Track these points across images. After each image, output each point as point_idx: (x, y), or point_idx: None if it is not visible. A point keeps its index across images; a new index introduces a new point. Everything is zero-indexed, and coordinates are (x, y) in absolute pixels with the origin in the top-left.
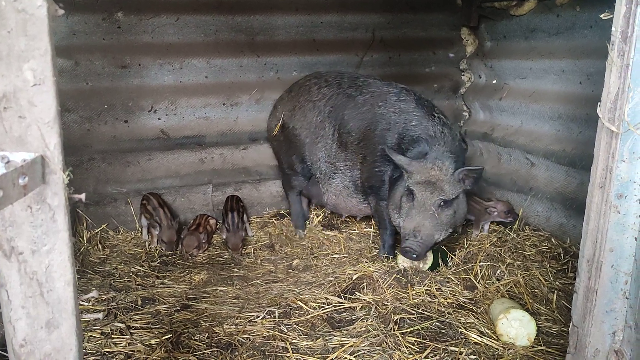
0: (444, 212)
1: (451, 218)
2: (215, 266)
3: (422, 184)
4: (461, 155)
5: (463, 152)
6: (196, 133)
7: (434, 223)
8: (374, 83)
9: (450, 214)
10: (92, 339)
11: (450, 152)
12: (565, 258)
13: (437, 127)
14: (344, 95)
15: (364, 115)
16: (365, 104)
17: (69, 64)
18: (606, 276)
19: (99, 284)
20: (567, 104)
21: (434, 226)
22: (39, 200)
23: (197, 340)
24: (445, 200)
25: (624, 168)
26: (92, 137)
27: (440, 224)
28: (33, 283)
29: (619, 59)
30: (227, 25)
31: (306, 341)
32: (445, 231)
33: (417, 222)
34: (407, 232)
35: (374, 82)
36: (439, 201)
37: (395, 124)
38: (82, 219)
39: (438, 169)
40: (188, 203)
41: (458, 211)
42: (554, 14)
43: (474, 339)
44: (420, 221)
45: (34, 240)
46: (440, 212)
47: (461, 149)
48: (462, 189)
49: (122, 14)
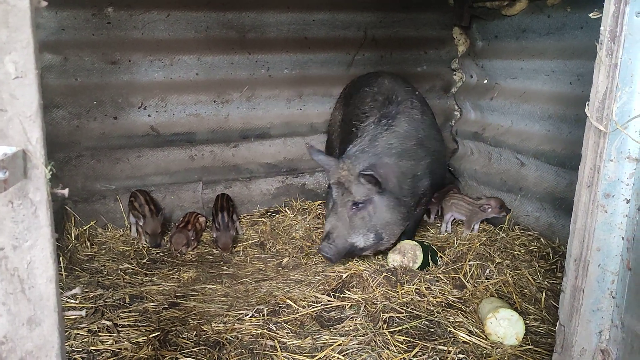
0: (357, 216)
1: (366, 222)
2: (204, 264)
3: (336, 185)
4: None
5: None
6: (186, 130)
7: (347, 226)
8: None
9: (364, 217)
10: (78, 336)
11: (363, 151)
12: (554, 258)
13: (362, 126)
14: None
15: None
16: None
17: (58, 59)
18: (593, 275)
19: (86, 282)
20: (557, 104)
21: (347, 230)
22: (20, 195)
23: (184, 338)
24: (356, 203)
25: (611, 167)
26: (81, 134)
27: (354, 227)
28: (14, 279)
29: (607, 58)
30: (218, 22)
31: (295, 340)
32: (364, 236)
33: (332, 224)
34: (324, 234)
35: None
36: (350, 203)
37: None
38: (71, 215)
39: (347, 170)
40: (178, 200)
41: (376, 215)
42: (545, 15)
43: (462, 338)
44: (334, 223)
45: (15, 236)
46: (353, 215)
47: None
48: (373, 192)
49: (112, 9)
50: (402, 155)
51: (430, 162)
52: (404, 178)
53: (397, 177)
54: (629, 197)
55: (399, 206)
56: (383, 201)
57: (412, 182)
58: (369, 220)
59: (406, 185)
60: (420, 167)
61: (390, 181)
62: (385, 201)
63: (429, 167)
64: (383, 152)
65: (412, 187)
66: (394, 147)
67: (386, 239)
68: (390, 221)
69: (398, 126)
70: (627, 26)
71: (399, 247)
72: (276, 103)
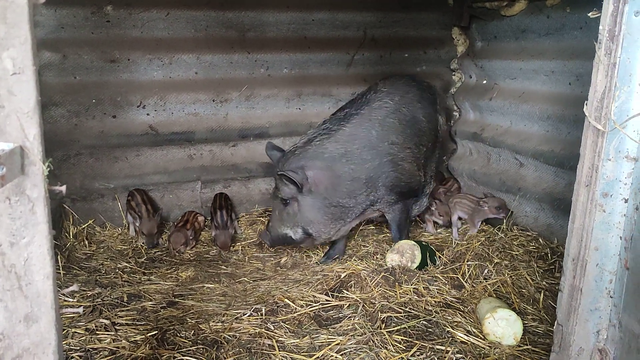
0: (284, 211)
1: (292, 218)
2: (202, 263)
3: (277, 179)
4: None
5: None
6: (185, 129)
7: (278, 219)
8: None
9: (290, 213)
10: (76, 335)
11: (293, 153)
12: (552, 258)
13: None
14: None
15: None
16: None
17: (57, 57)
18: (591, 275)
19: (84, 280)
20: (557, 105)
21: (279, 221)
22: (17, 191)
23: (182, 337)
24: (283, 199)
25: (609, 167)
26: (79, 132)
27: (282, 221)
28: (11, 276)
29: (606, 58)
30: (218, 21)
31: (293, 339)
32: (292, 230)
33: (273, 215)
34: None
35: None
36: (278, 199)
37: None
38: (69, 214)
39: (278, 168)
40: (176, 199)
41: (300, 214)
42: (544, 15)
43: (460, 338)
44: (273, 214)
45: (12, 232)
46: (281, 210)
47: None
48: (294, 192)
49: (112, 7)
50: (338, 159)
51: (379, 166)
52: (340, 181)
53: (330, 180)
54: (627, 197)
55: (328, 207)
56: (307, 201)
57: (351, 185)
58: (294, 216)
59: (344, 188)
60: (365, 170)
61: (320, 184)
62: (309, 202)
63: (378, 170)
64: (315, 155)
65: (352, 191)
66: (329, 151)
67: (315, 235)
68: (316, 221)
69: (340, 130)
70: (625, 25)
71: (398, 247)
72: (275, 102)
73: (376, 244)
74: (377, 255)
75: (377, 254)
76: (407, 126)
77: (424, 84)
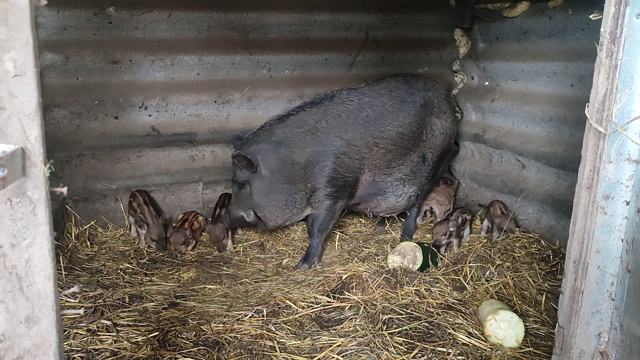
0: (239, 194)
1: (246, 201)
2: (204, 264)
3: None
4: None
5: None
6: (187, 130)
7: (235, 201)
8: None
9: (244, 196)
10: (77, 335)
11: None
12: (554, 260)
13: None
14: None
15: None
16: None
17: (60, 59)
18: (592, 277)
19: (86, 281)
20: (559, 106)
21: (235, 204)
22: (19, 193)
23: (184, 338)
24: (238, 182)
25: (611, 169)
26: (81, 133)
27: (238, 203)
28: (12, 277)
29: (607, 60)
30: (220, 22)
31: (294, 340)
32: (245, 212)
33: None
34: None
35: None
36: (235, 183)
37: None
38: (71, 215)
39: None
40: (178, 200)
41: (252, 197)
42: (547, 17)
43: (462, 340)
44: (232, 198)
45: (13, 234)
46: (237, 194)
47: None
48: (248, 174)
49: (114, 9)
50: (282, 143)
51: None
52: (283, 164)
53: (276, 163)
54: (628, 199)
55: (276, 192)
56: (256, 184)
57: (292, 169)
58: (248, 199)
59: (285, 172)
60: (305, 154)
61: (267, 167)
62: (258, 185)
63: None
64: (263, 139)
65: (293, 174)
66: (276, 135)
67: (267, 218)
68: (266, 204)
69: (291, 117)
70: (627, 28)
71: (399, 248)
72: (277, 104)
73: (377, 246)
74: (379, 256)
75: (379, 255)
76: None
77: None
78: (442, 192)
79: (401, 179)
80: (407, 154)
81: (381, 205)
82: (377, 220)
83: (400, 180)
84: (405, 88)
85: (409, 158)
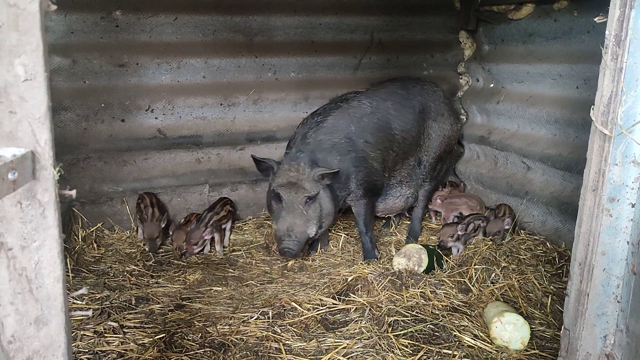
0: (310, 208)
1: (318, 212)
2: (210, 266)
3: (285, 185)
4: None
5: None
6: (193, 133)
7: (304, 220)
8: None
9: (317, 208)
10: (84, 337)
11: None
12: (560, 262)
13: (298, 129)
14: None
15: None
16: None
17: (67, 62)
18: (598, 279)
19: (93, 283)
20: (564, 108)
21: (305, 222)
22: (29, 196)
23: (190, 340)
24: (310, 197)
25: (616, 171)
26: (88, 136)
27: (310, 219)
28: (22, 279)
29: (612, 63)
30: (226, 25)
31: (299, 342)
32: (316, 226)
33: (289, 222)
34: (282, 233)
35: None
36: (304, 199)
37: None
38: (78, 217)
39: (295, 170)
40: (184, 203)
41: (323, 206)
42: (552, 19)
43: (467, 342)
44: (291, 221)
45: (23, 236)
46: (307, 209)
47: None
48: (321, 186)
49: (121, 12)
50: (332, 150)
51: (356, 158)
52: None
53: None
54: (634, 202)
55: (334, 199)
56: (327, 193)
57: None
58: (319, 210)
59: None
60: (347, 161)
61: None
62: (325, 195)
63: (356, 162)
64: (319, 148)
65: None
66: (325, 142)
67: (324, 227)
68: (331, 211)
69: (325, 122)
70: (632, 30)
71: (404, 250)
72: (283, 106)
73: (383, 248)
74: (384, 258)
75: (384, 257)
76: (380, 126)
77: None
78: (473, 197)
79: (400, 182)
80: (407, 158)
81: (379, 206)
82: (382, 222)
83: (399, 182)
84: (403, 93)
85: (407, 162)
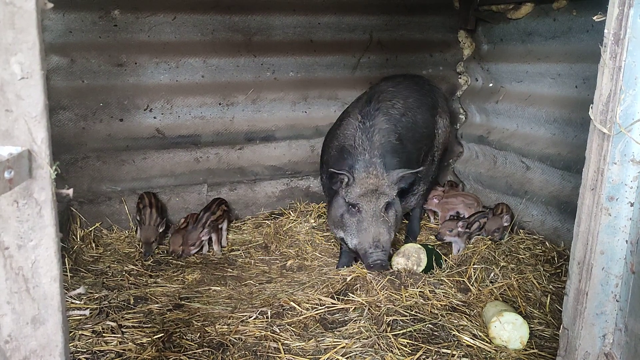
0: (390, 214)
1: (395, 217)
2: (208, 266)
3: (365, 193)
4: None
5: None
6: (192, 132)
7: (387, 227)
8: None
9: (394, 213)
10: (83, 337)
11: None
12: (559, 262)
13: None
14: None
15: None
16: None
17: (65, 61)
18: (597, 279)
19: (91, 283)
20: (563, 108)
21: (389, 230)
22: (25, 195)
23: (188, 340)
24: (389, 203)
25: (615, 170)
26: (87, 135)
27: (392, 225)
28: (19, 278)
29: (611, 61)
30: (224, 24)
31: (298, 342)
32: (395, 231)
33: (374, 231)
34: (368, 245)
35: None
36: (384, 205)
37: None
38: (76, 217)
39: (375, 176)
40: (183, 202)
41: (397, 210)
42: (551, 18)
43: (466, 342)
44: (376, 230)
45: (20, 235)
46: (389, 215)
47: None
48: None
49: (119, 12)
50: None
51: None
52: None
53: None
54: (632, 200)
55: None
56: (397, 196)
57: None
58: (396, 216)
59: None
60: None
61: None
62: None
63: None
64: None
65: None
66: (384, 146)
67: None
68: (401, 215)
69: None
70: (631, 29)
71: (403, 250)
72: (281, 106)
73: None
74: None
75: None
76: (412, 126)
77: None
78: (470, 196)
79: (419, 178)
80: (427, 154)
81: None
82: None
83: (419, 179)
84: (418, 89)
85: (427, 158)
